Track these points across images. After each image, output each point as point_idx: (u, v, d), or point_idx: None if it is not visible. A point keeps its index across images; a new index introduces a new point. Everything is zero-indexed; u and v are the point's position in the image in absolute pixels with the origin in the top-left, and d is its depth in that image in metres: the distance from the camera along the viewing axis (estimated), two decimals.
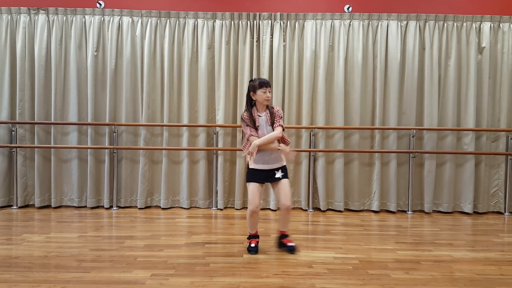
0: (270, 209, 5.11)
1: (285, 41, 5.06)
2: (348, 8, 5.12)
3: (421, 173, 5.13)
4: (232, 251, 3.45)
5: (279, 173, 3.32)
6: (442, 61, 5.06)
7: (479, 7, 5.14)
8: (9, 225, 4.23)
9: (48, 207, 5.08)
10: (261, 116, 3.28)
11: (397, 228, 4.35)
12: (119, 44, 5.03)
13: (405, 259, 3.29)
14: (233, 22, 5.05)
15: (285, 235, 3.45)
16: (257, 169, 3.31)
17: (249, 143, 3.23)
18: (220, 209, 5.08)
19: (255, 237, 3.46)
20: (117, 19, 5.00)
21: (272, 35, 5.05)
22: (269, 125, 3.26)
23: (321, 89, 4.99)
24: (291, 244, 3.38)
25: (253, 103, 3.31)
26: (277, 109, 3.34)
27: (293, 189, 5.10)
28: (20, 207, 5.02)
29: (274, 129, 3.26)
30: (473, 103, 5.00)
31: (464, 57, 5.04)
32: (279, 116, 3.30)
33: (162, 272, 2.92)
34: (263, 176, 3.33)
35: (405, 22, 5.04)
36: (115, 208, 5.04)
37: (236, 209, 5.08)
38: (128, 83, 5.01)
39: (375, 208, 5.08)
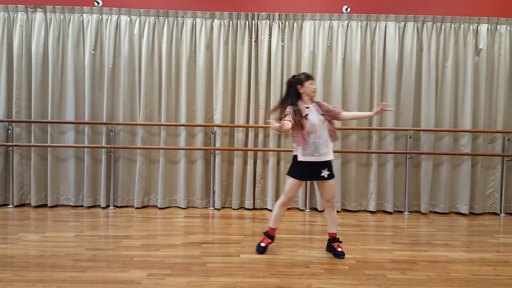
0: (267, 209, 5.11)
1: (283, 41, 5.06)
2: (346, 9, 5.13)
3: (418, 174, 5.14)
4: (229, 251, 3.45)
5: (325, 172, 3.27)
6: (439, 62, 5.07)
7: (477, 9, 5.15)
8: (5, 224, 4.21)
9: (44, 206, 5.06)
10: (309, 107, 3.30)
11: (393, 228, 4.36)
12: (117, 43, 5.02)
13: (401, 259, 3.30)
14: (231, 22, 5.05)
15: (336, 239, 3.40)
16: (305, 162, 3.24)
17: (299, 134, 3.23)
18: (217, 209, 5.08)
19: (270, 237, 3.44)
20: (115, 18, 4.99)
21: (270, 35, 5.05)
22: (321, 114, 3.28)
23: (319, 90, 4.98)
24: (340, 250, 3.35)
25: (299, 96, 3.33)
26: (322, 102, 3.45)
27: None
28: (16, 206, 5.00)
29: (335, 116, 3.35)
30: (470, 105, 5.02)
31: (461, 58, 5.05)
32: (331, 106, 3.43)
33: (158, 271, 2.92)
34: (309, 172, 3.27)
35: (403, 23, 5.05)
36: (111, 207, 5.03)
37: (233, 209, 5.08)
38: (125, 82, 5.00)
39: (372, 208, 5.09)
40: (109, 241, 3.65)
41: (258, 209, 5.12)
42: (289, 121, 3.17)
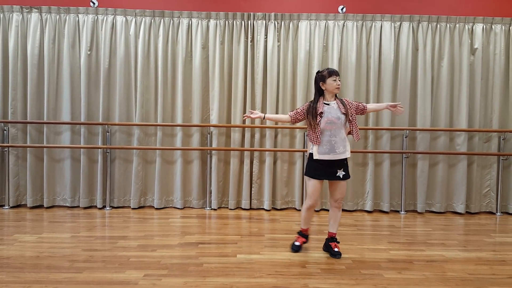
0: (264, 209, 5.11)
1: (279, 41, 5.07)
2: (342, 8, 5.14)
3: (414, 173, 5.16)
4: (225, 251, 3.44)
5: (341, 172, 3.27)
6: (435, 62, 5.09)
7: (472, 8, 5.17)
8: (1, 225, 4.19)
9: (40, 207, 5.05)
10: (329, 104, 3.25)
11: (390, 228, 4.37)
12: (113, 43, 5.01)
13: (398, 259, 3.31)
14: (227, 22, 5.05)
15: (334, 239, 3.41)
16: (320, 161, 3.23)
17: (312, 132, 3.23)
18: (214, 209, 5.08)
19: (304, 236, 3.47)
20: (110, 18, 4.98)
21: (266, 35, 5.06)
22: (342, 113, 3.22)
23: None
24: (337, 250, 3.35)
25: (321, 92, 3.30)
26: (346, 99, 3.37)
27: (287, 189, 5.12)
28: (12, 207, 4.98)
29: (364, 110, 3.37)
30: (466, 104, 5.04)
31: (456, 58, 5.07)
32: (355, 103, 3.37)
33: (155, 272, 2.92)
34: (325, 172, 3.26)
35: (398, 23, 5.06)
36: (108, 208, 5.01)
37: (230, 209, 5.08)
38: (121, 82, 4.99)
39: (368, 208, 5.10)
40: (105, 242, 3.64)
41: (254, 209, 5.12)
42: (288, 115, 3.33)
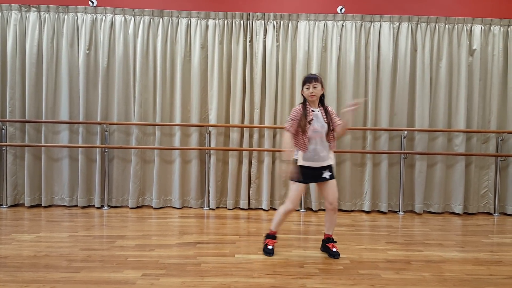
0: (262, 209, 5.11)
1: (278, 41, 5.07)
2: (341, 9, 5.14)
3: (412, 174, 5.16)
4: (223, 251, 3.44)
5: (326, 173, 3.26)
6: (433, 62, 5.10)
7: (470, 9, 5.18)
8: None
9: (38, 206, 5.04)
10: (314, 111, 3.25)
11: (388, 228, 4.37)
12: (112, 42, 5.00)
13: (396, 259, 3.31)
14: (226, 21, 5.05)
15: (331, 239, 3.40)
16: (305, 167, 3.23)
17: (299, 138, 3.22)
18: (212, 209, 5.08)
19: (274, 238, 3.44)
20: (109, 17, 4.97)
21: (265, 35, 5.06)
22: (325, 122, 3.22)
23: None
24: (335, 250, 3.35)
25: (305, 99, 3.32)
26: (331, 109, 3.34)
27: (285, 189, 5.11)
28: (9, 206, 4.97)
29: (334, 128, 3.26)
30: (464, 105, 5.05)
31: (455, 59, 5.08)
32: (336, 117, 3.30)
33: (153, 272, 2.91)
34: (311, 175, 3.26)
35: (397, 23, 5.07)
36: (106, 207, 5.01)
37: (228, 209, 5.08)
38: (120, 82, 4.98)
39: (366, 208, 5.10)
40: (103, 241, 3.64)
41: (253, 209, 5.12)
42: (290, 134, 3.25)
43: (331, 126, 3.24)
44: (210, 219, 4.65)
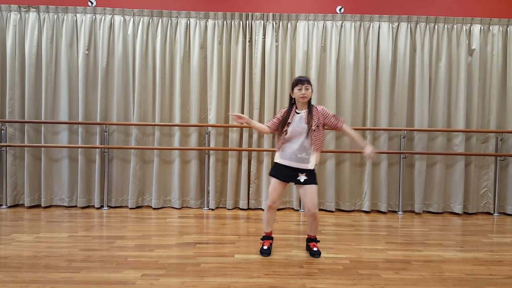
0: (261, 209, 5.11)
1: (277, 41, 5.07)
2: (340, 9, 5.15)
3: (412, 174, 5.17)
4: (223, 251, 3.44)
5: (302, 177, 3.24)
6: (432, 62, 5.10)
7: (469, 9, 5.19)
8: None
9: (38, 206, 5.04)
10: (299, 113, 3.27)
11: (387, 228, 4.37)
12: (111, 43, 5.00)
13: (395, 259, 3.31)
14: (225, 22, 5.05)
15: (312, 239, 3.42)
16: (280, 164, 3.28)
17: (282, 140, 3.29)
18: (211, 209, 5.08)
19: (269, 238, 3.44)
20: (108, 17, 4.97)
21: (264, 35, 5.06)
22: (305, 123, 3.21)
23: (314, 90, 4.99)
24: (316, 249, 3.36)
25: (293, 101, 3.34)
26: (322, 108, 3.30)
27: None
28: (9, 207, 4.97)
29: (336, 128, 3.30)
30: (463, 105, 5.05)
31: (454, 59, 5.09)
32: (330, 115, 3.28)
33: (152, 272, 2.91)
34: (286, 174, 3.27)
35: (396, 23, 5.07)
36: (105, 208, 5.01)
37: (227, 209, 5.08)
38: (119, 82, 4.98)
39: (366, 208, 5.10)
40: (103, 242, 3.64)
41: (252, 209, 5.12)
42: (266, 126, 3.42)
43: (321, 124, 3.25)
44: (209, 219, 4.65)
